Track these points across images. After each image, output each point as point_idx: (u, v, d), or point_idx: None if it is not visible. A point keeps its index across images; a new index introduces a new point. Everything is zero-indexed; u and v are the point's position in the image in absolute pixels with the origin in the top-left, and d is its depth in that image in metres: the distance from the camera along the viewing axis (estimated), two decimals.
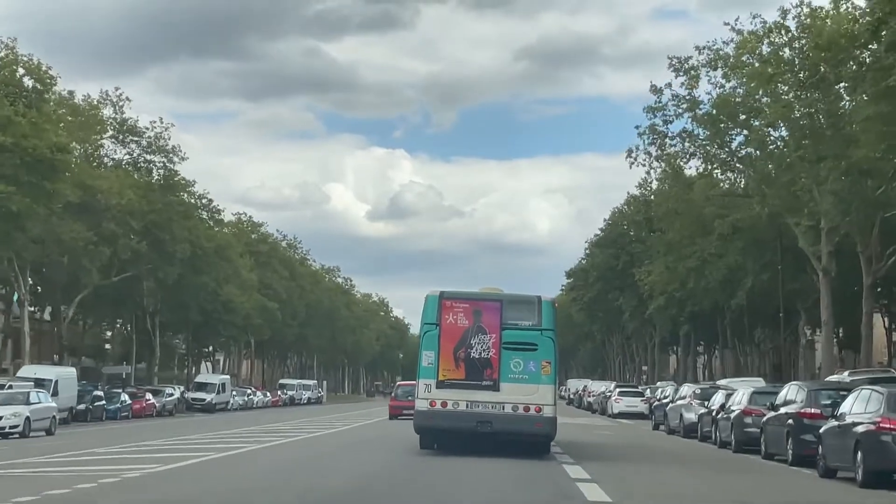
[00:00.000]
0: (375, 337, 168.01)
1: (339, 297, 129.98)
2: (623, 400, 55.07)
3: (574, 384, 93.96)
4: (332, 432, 37.84)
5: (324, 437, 34.36)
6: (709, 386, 41.12)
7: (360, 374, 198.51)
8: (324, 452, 26.07)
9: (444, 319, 22.55)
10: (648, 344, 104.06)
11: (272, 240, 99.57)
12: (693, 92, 50.23)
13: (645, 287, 76.04)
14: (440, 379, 22.45)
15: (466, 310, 22.60)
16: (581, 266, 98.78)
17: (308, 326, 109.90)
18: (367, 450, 26.53)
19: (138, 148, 61.04)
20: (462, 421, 22.32)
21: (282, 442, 30.58)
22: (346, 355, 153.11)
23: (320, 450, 27.36)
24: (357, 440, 32.32)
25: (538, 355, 22.35)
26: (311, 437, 33.48)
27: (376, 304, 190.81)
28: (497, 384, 22.27)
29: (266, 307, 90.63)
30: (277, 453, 25.58)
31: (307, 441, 31.88)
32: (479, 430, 22.35)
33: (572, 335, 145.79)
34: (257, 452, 25.59)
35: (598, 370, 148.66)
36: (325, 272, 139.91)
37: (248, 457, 24.44)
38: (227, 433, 35.18)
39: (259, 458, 24.04)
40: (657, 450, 29.70)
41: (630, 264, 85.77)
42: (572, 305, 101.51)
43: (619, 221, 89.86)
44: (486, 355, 22.39)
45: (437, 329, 22.55)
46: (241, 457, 24.31)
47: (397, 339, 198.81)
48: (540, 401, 22.30)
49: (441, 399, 22.41)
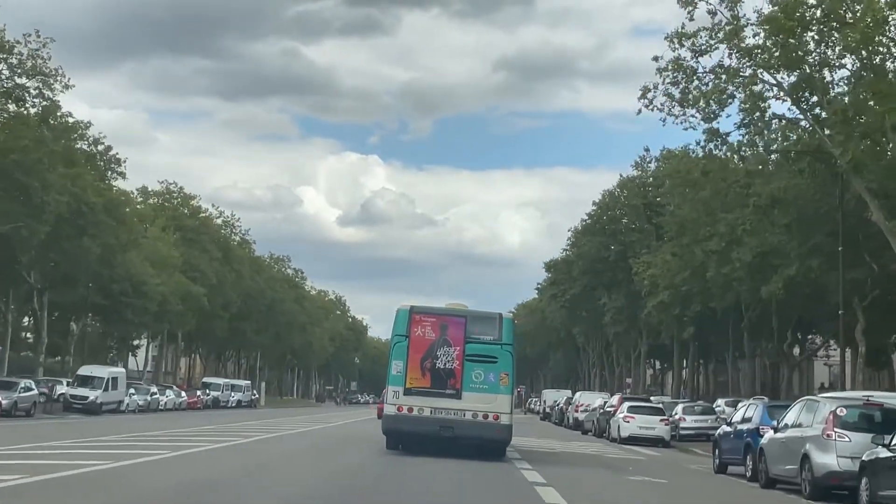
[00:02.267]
0: (329, 337, 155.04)
1: (286, 290, 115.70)
2: (636, 419, 40.59)
3: (551, 395, 79.55)
4: (182, 453, 23.86)
5: (165, 461, 20.45)
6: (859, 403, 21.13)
7: (312, 378, 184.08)
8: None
9: (413, 332, 24.24)
10: (633, 353, 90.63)
11: (204, 215, 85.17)
12: (737, 8, 37.11)
13: (643, 282, 62.55)
14: (407, 387, 24.13)
15: (434, 324, 24.27)
16: (564, 258, 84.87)
17: (245, 320, 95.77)
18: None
19: (7, 68, 46.77)
20: (426, 426, 23.85)
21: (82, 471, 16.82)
22: (294, 355, 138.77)
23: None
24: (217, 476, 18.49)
25: (498, 367, 23.97)
26: (134, 464, 19.53)
27: (332, 301, 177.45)
28: (460, 393, 23.92)
29: (190, 292, 76.60)
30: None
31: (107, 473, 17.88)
32: (441, 435, 23.82)
33: (544, 341, 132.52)
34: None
35: (570, 381, 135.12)
36: (274, 262, 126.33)
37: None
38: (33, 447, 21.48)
39: None
40: None
41: (623, 255, 72.26)
42: (551, 304, 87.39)
43: (610, 206, 76.21)
44: (450, 366, 24.03)
45: (407, 341, 24.28)
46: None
47: (354, 341, 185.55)
48: (498, 409, 23.86)
49: (408, 405, 24.03)
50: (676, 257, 55.92)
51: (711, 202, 50.14)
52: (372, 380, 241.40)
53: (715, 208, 50.20)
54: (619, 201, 75.04)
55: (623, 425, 40.34)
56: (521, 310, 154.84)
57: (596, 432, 46.17)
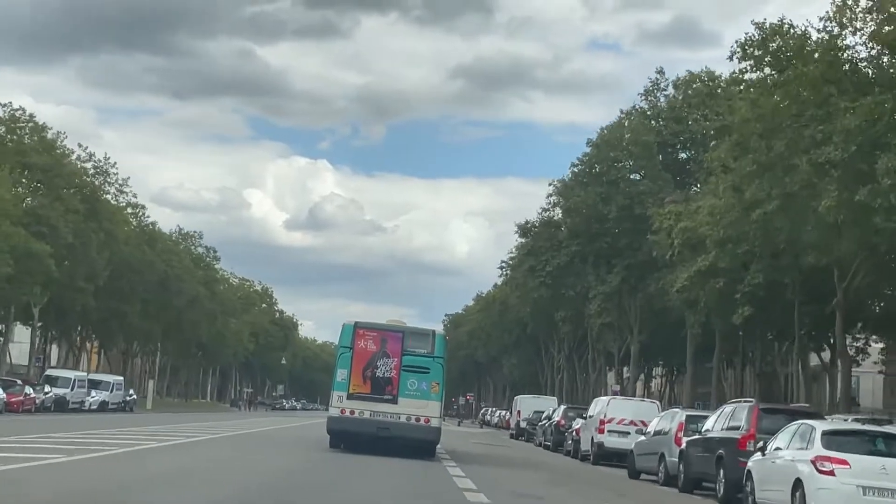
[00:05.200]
0: (250, 332, 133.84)
1: (190, 270, 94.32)
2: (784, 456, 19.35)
3: (528, 404, 56.55)
4: None
5: None
6: None
7: (232, 378, 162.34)
8: None
9: (356, 344, 26.86)
10: (618, 353, 70.63)
11: (60, 152, 63.36)
12: None
13: (670, 242, 42.68)
14: (350, 392, 26.69)
15: (375, 337, 26.97)
16: (545, 219, 63.94)
17: (126, 300, 74.39)
18: None
19: None
20: (366, 427, 26.57)
21: None
22: (202, 350, 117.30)
23: None
24: None
25: (430, 377, 26.69)
26: None
27: (258, 293, 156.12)
28: (396, 399, 26.53)
29: (31, 251, 55.48)
30: None
31: None
32: (379, 435, 26.51)
33: (498, 343, 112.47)
34: None
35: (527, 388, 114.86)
36: (182, 238, 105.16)
37: None
38: None
39: None
40: None
41: (629, 212, 52.18)
42: (526, 282, 66.04)
43: (612, 145, 55.53)
44: (388, 375, 26.59)
45: (351, 352, 26.90)
46: None
47: (281, 339, 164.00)
48: (429, 413, 26.58)
49: (350, 408, 26.67)
50: (738, 193, 35.52)
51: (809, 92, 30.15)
52: (302, 384, 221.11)
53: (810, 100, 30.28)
54: (622, 142, 54.71)
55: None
56: (470, 311, 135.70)
57: (664, 479, 25.08)
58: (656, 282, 51.98)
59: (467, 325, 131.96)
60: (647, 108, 54.69)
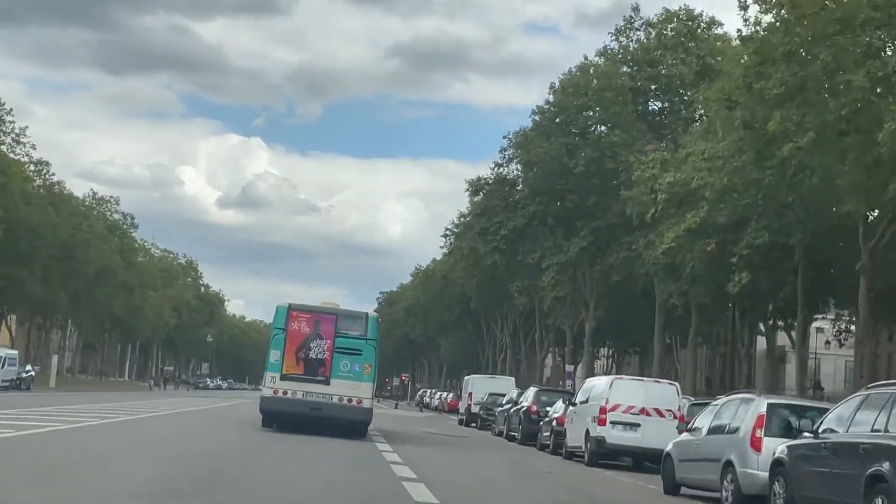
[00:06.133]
0: (173, 307, 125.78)
1: (102, 237, 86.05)
2: None
3: (482, 385, 48.36)
4: None
5: None
6: None
7: (154, 356, 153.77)
8: None
9: (290, 326, 26.66)
10: (570, 331, 64.05)
11: None
12: None
13: (652, 196, 35.99)
14: (283, 373, 26.47)
15: (308, 319, 26.80)
16: (499, 175, 56.41)
17: (20, 261, 66.26)
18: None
19: None
20: (298, 407, 26.39)
21: None
22: (118, 325, 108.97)
23: None
24: None
25: (362, 359, 26.64)
26: None
27: (181, 266, 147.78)
28: (328, 380, 26.48)
29: None
30: None
31: None
32: (311, 415, 26.34)
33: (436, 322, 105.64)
34: None
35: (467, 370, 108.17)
36: (96, 202, 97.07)
37: None
38: None
39: None
40: None
41: (599, 166, 45.36)
42: (480, 245, 58.33)
43: (582, 89, 48.31)
44: (321, 356, 26.54)
45: (284, 333, 26.67)
46: None
47: (207, 315, 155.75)
48: (361, 395, 26.56)
49: (283, 389, 26.46)
50: (752, 130, 28.67)
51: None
52: (230, 362, 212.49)
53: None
54: (589, 87, 47.64)
55: None
56: (406, 288, 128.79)
57: (732, 499, 16.08)
58: (627, 247, 45.20)
59: (404, 301, 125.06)
60: (618, 51, 47.89)
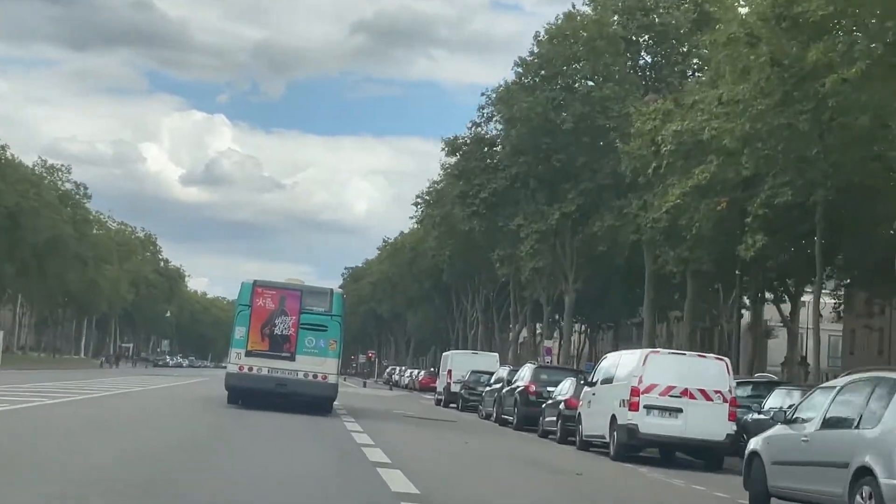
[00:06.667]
0: (130, 282, 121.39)
1: (53, 207, 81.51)
2: None
3: (463, 361, 43.94)
4: None
5: None
6: None
7: (112, 332, 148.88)
8: None
9: (255, 302, 26.83)
10: (550, 298, 60.32)
11: None
12: None
13: (657, 146, 32.30)
14: (248, 349, 26.66)
15: (273, 296, 26.93)
16: (477, 136, 52.12)
17: None
18: None
19: None
20: (263, 383, 26.61)
21: None
22: (73, 300, 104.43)
23: None
24: None
25: (327, 335, 26.82)
26: None
27: (139, 240, 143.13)
28: (294, 356, 26.61)
29: None
30: None
31: None
32: (277, 391, 26.55)
33: (404, 297, 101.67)
34: None
35: (436, 346, 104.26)
36: (47, 171, 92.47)
37: None
38: None
39: None
40: None
41: (589, 123, 41.51)
42: (458, 209, 54.12)
43: (571, 37, 44.22)
44: (286, 333, 26.68)
45: (249, 310, 26.84)
46: None
47: (166, 291, 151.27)
48: (326, 370, 26.71)
49: (248, 365, 26.66)
50: (775, 69, 24.83)
51: None
52: (192, 339, 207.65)
53: None
54: (578, 37, 43.67)
55: None
56: (372, 264, 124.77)
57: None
58: (617, 211, 41.45)
59: (370, 276, 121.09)
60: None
